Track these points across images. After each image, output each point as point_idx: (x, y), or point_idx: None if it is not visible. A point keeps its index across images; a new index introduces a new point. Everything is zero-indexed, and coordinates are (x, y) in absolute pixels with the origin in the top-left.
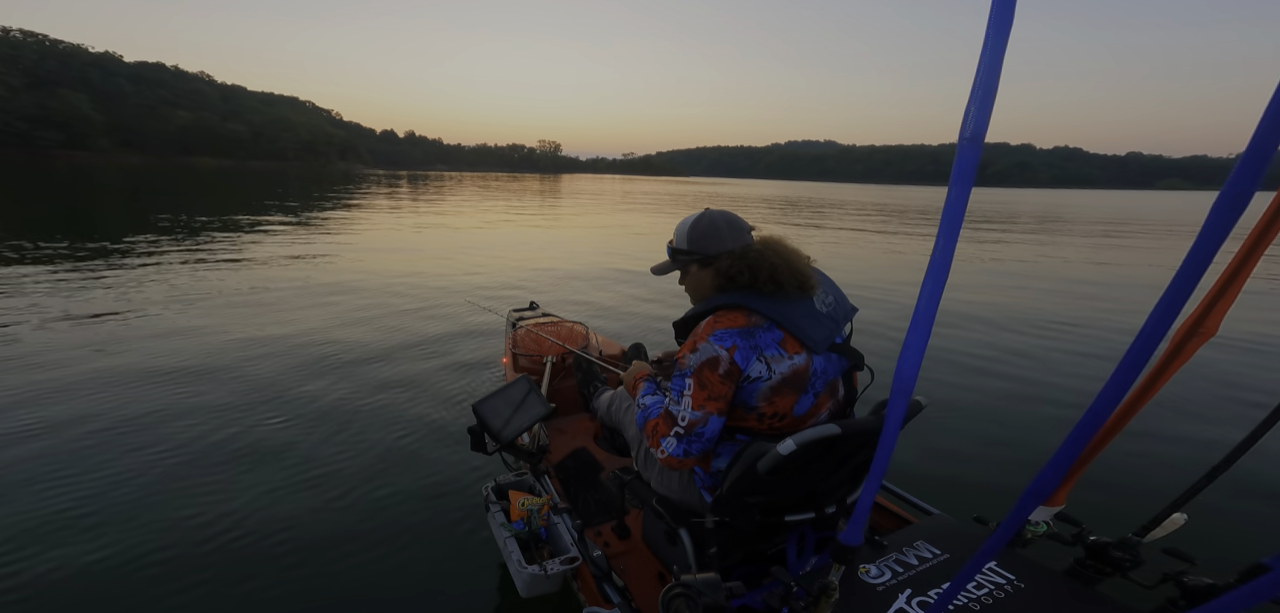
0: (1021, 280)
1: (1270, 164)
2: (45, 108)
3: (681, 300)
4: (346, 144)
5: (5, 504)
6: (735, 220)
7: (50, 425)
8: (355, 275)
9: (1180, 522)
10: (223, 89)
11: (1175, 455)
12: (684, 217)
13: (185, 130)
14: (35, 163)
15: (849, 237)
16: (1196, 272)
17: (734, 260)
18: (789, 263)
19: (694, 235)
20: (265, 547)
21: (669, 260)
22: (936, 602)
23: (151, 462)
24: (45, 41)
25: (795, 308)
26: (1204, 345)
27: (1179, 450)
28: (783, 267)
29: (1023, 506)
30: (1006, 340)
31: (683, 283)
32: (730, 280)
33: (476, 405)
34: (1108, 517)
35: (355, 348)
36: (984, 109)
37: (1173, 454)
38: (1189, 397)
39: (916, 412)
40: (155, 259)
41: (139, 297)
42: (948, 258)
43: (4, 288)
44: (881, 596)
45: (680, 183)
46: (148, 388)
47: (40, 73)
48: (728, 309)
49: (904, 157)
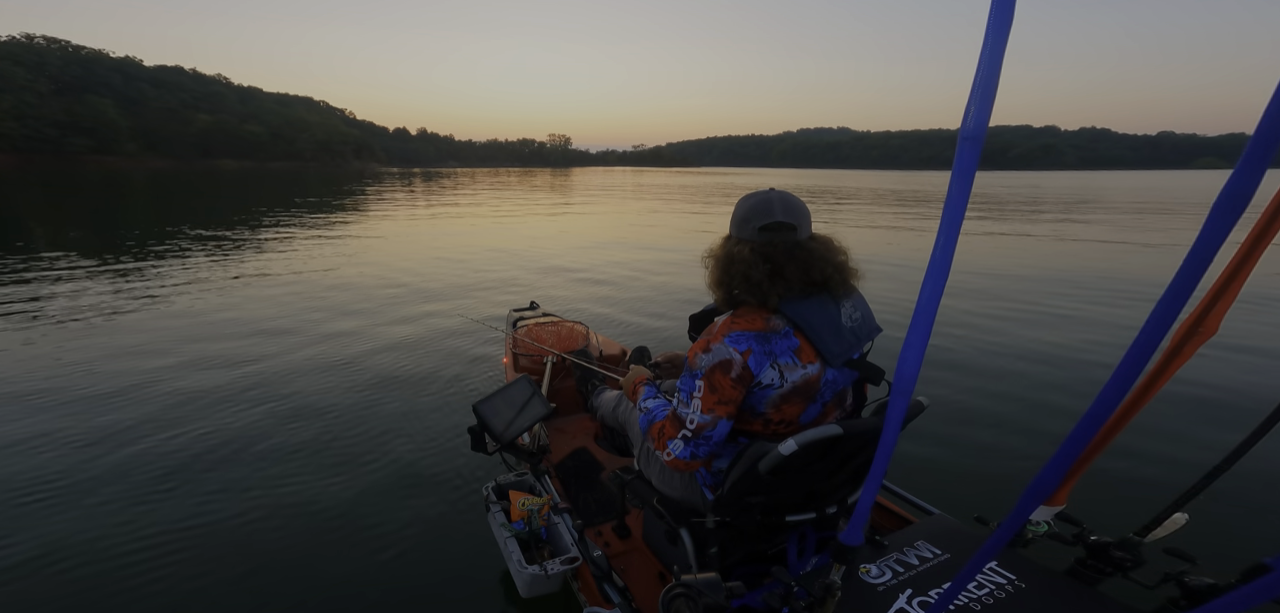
0: (1024, 277)
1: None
2: (73, 114)
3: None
4: (361, 143)
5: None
6: (770, 203)
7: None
8: (359, 274)
9: (1181, 522)
10: (240, 91)
11: (1175, 455)
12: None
13: (206, 133)
14: (69, 169)
15: (854, 230)
16: (1197, 271)
17: (756, 248)
18: (821, 260)
19: (736, 217)
20: (263, 545)
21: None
22: (937, 602)
23: (137, 460)
24: (68, 47)
25: (819, 315)
26: (1203, 345)
27: (1179, 450)
28: (814, 267)
29: (1023, 505)
30: (1007, 340)
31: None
32: (746, 264)
33: (477, 406)
34: (1108, 517)
35: (356, 348)
36: (984, 106)
37: (1173, 454)
38: (1189, 397)
39: (918, 412)
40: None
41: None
42: (948, 256)
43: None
44: (882, 596)
45: (691, 174)
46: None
47: (66, 79)
48: (747, 308)
49: (922, 141)
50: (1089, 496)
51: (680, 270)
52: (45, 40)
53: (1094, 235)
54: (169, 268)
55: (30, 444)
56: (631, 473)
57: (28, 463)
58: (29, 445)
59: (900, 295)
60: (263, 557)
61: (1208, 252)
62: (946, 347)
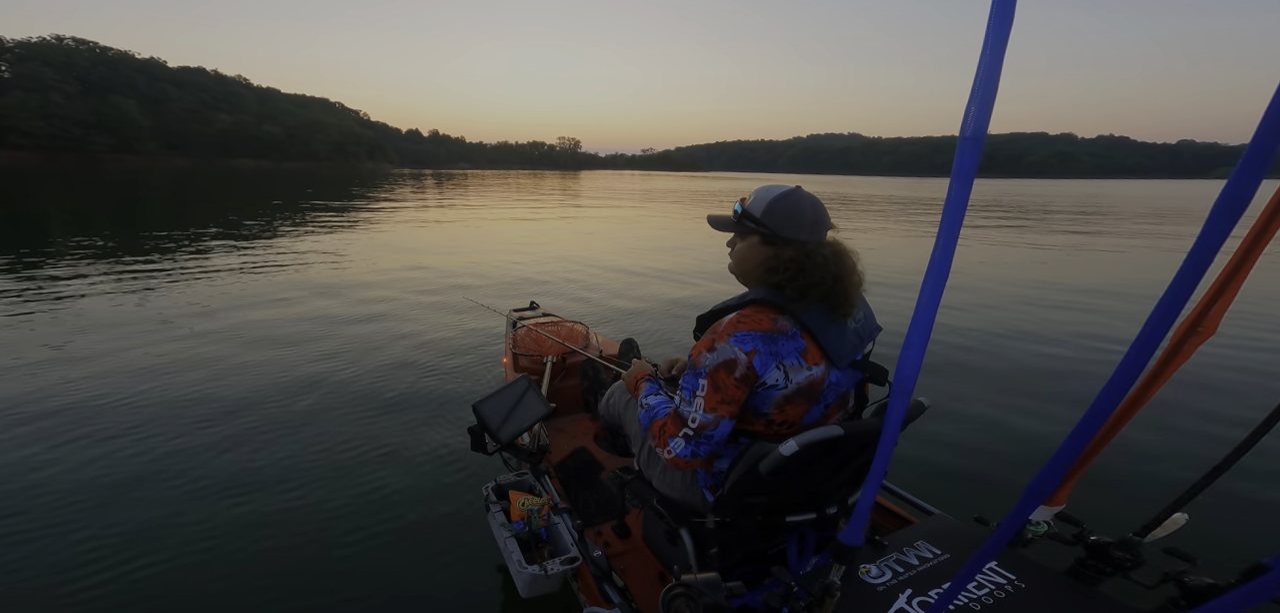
0: (1024, 277)
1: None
2: (98, 113)
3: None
4: (375, 144)
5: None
6: (821, 214)
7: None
8: (371, 273)
9: (1181, 522)
10: (259, 92)
11: (1175, 455)
12: (769, 184)
13: (225, 133)
14: (91, 166)
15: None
16: (1197, 271)
17: (798, 254)
18: (845, 283)
19: (774, 209)
20: (261, 545)
21: (733, 218)
22: (937, 602)
23: (125, 457)
24: (96, 49)
25: (827, 316)
26: (1203, 345)
27: (1179, 450)
28: (838, 287)
29: (1023, 505)
30: (1007, 339)
31: (731, 247)
32: (780, 273)
33: (477, 405)
34: (1108, 517)
35: (355, 348)
36: (984, 108)
37: (1173, 454)
38: (1189, 397)
39: (919, 412)
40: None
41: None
42: (948, 256)
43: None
44: (882, 596)
45: (700, 178)
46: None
47: (92, 79)
48: (754, 307)
49: (934, 148)
50: (1089, 496)
51: (681, 272)
52: (74, 41)
53: (1090, 239)
54: (164, 267)
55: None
56: (631, 473)
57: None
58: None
59: (911, 306)
60: (261, 556)
61: (1207, 252)
62: (946, 347)
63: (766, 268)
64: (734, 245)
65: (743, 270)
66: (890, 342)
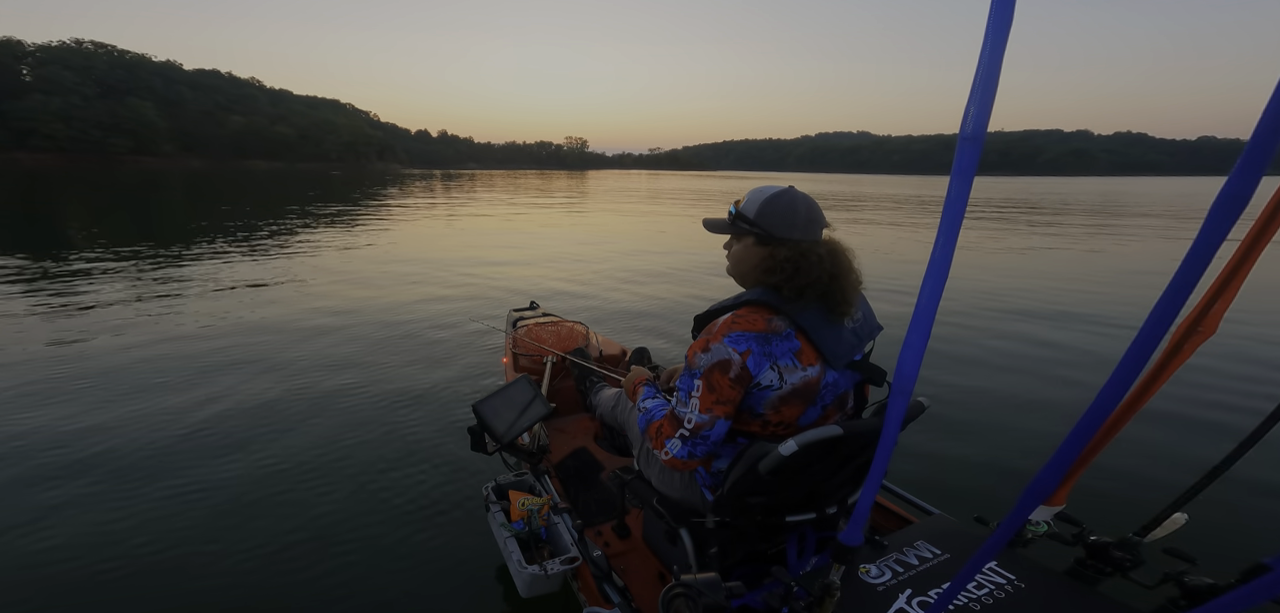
0: (1028, 275)
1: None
2: (115, 116)
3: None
4: (384, 145)
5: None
6: (816, 213)
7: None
8: (371, 273)
9: (1181, 522)
10: (272, 93)
11: (1175, 455)
12: (763, 185)
13: (239, 134)
14: (109, 168)
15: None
16: (1196, 271)
17: (793, 254)
18: (841, 282)
19: (768, 209)
20: (260, 545)
21: (727, 221)
22: (937, 602)
23: (126, 455)
24: (114, 52)
25: (822, 316)
26: (1202, 345)
27: (1179, 450)
28: (835, 286)
29: (1023, 505)
30: (1007, 339)
31: (727, 249)
32: (777, 273)
33: (476, 405)
34: (1108, 517)
35: (354, 348)
36: (984, 107)
37: (1173, 454)
38: (1189, 396)
39: (919, 412)
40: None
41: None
42: (948, 255)
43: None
44: (882, 596)
45: (707, 178)
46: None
47: (110, 82)
48: (749, 308)
49: (944, 146)
50: (1089, 496)
51: (682, 275)
52: (93, 45)
53: (1092, 238)
54: (167, 269)
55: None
56: (631, 473)
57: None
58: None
59: (886, 294)
60: (260, 556)
61: (1207, 252)
62: (947, 346)
63: (763, 268)
64: (731, 247)
65: (740, 272)
66: (890, 341)
